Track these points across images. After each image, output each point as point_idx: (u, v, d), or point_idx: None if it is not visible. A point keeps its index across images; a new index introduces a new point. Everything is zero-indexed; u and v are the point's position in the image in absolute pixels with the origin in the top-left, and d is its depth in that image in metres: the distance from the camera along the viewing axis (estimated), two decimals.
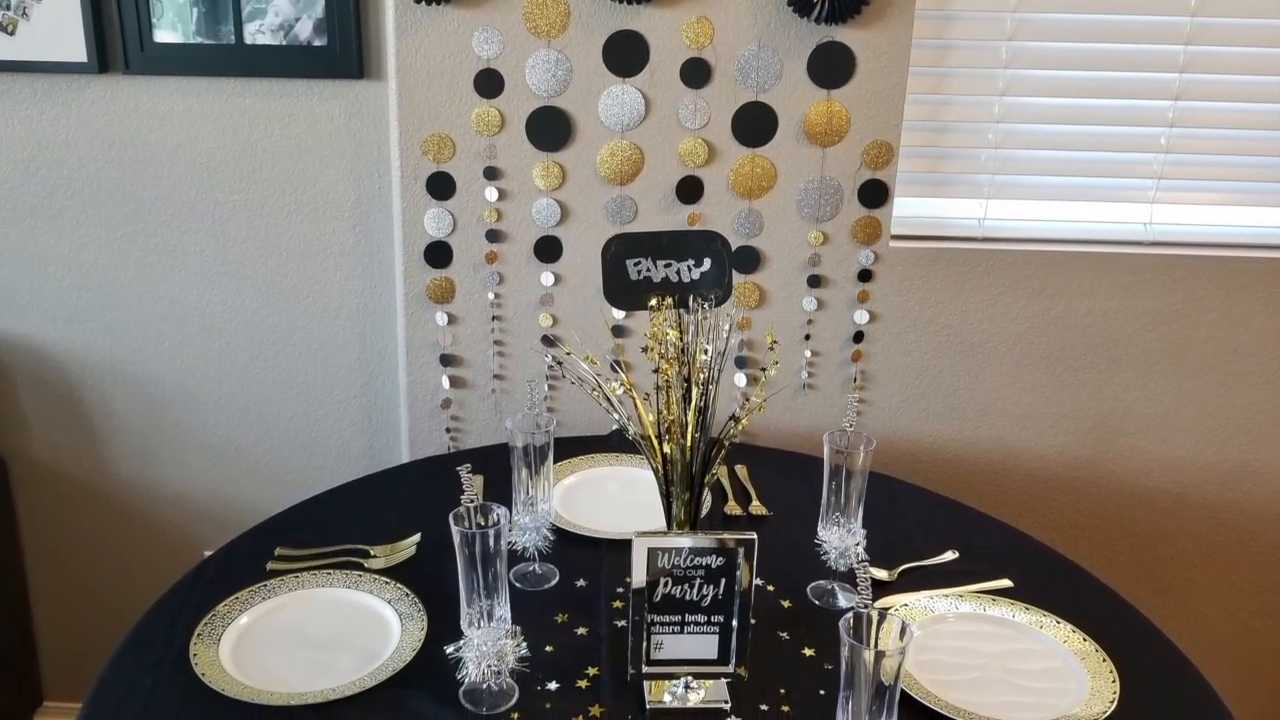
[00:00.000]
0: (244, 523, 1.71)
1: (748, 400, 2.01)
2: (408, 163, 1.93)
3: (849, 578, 1.49)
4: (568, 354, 1.96)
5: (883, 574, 1.55)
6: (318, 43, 1.91)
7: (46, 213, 2.06)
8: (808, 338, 2.02)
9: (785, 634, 1.44)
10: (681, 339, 1.32)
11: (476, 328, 2.02)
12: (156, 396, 2.18)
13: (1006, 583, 1.54)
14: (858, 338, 2.02)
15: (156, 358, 2.15)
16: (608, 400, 1.36)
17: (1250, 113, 1.96)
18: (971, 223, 2.02)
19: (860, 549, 1.41)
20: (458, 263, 1.98)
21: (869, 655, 1.11)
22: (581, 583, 1.53)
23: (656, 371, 1.32)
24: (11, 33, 1.92)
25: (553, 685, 1.33)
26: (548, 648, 1.39)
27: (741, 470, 1.84)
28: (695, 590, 1.25)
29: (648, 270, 1.50)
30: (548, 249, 1.97)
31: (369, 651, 1.37)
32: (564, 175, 1.93)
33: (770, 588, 1.53)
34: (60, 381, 2.18)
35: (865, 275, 1.98)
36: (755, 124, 1.89)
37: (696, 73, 1.86)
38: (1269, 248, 2.00)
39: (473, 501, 1.26)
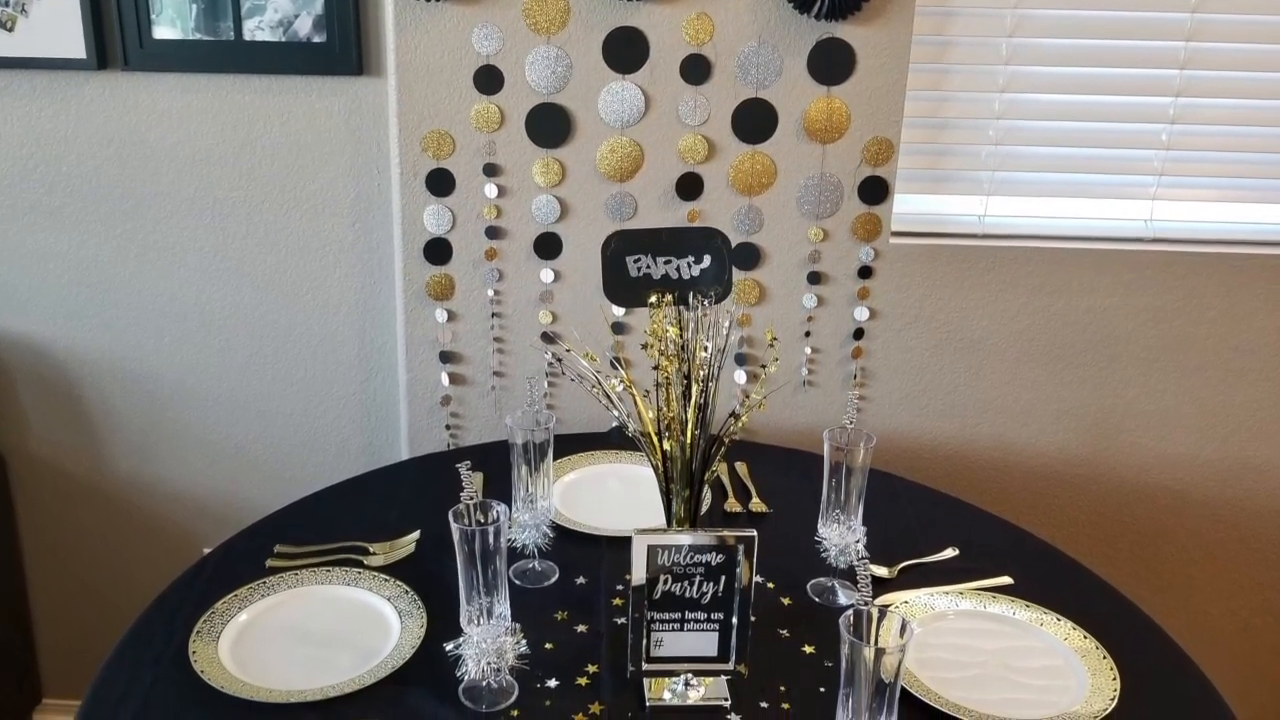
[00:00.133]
0: (243, 520, 1.71)
1: (748, 397, 2.00)
2: (407, 159, 1.92)
3: (849, 575, 1.50)
4: (567, 351, 1.96)
5: (883, 571, 1.54)
6: (317, 39, 1.91)
7: (45, 209, 2.06)
8: (808, 334, 2.02)
9: (785, 631, 1.44)
10: (681, 336, 1.32)
11: (476, 324, 2.02)
12: (156, 393, 2.18)
13: (1007, 580, 1.54)
14: (858, 334, 2.02)
15: (156, 354, 2.15)
16: (607, 397, 1.36)
17: (1251, 109, 1.96)
18: (972, 219, 2.02)
19: (860, 546, 1.41)
20: (457, 259, 1.98)
21: (869, 652, 1.10)
22: (581, 580, 1.53)
23: (656, 368, 1.32)
24: (10, 29, 1.91)
25: (552, 683, 1.33)
26: (547, 645, 1.39)
27: (741, 467, 1.84)
28: (695, 587, 1.25)
29: (647, 267, 1.50)
30: (547, 246, 1.97)
31: (368, 649, 1.37)
32: (564, 172, 1.93)
33: (770, 585, 1.53)
34: (59, 378, 2.18)
35: (865, 272, 1.98)
36: (755, 121, 1.89)
37: (696, 69, 1.86)
38: (1270, 244, 2.00)
39: (472, 499, 1.26)
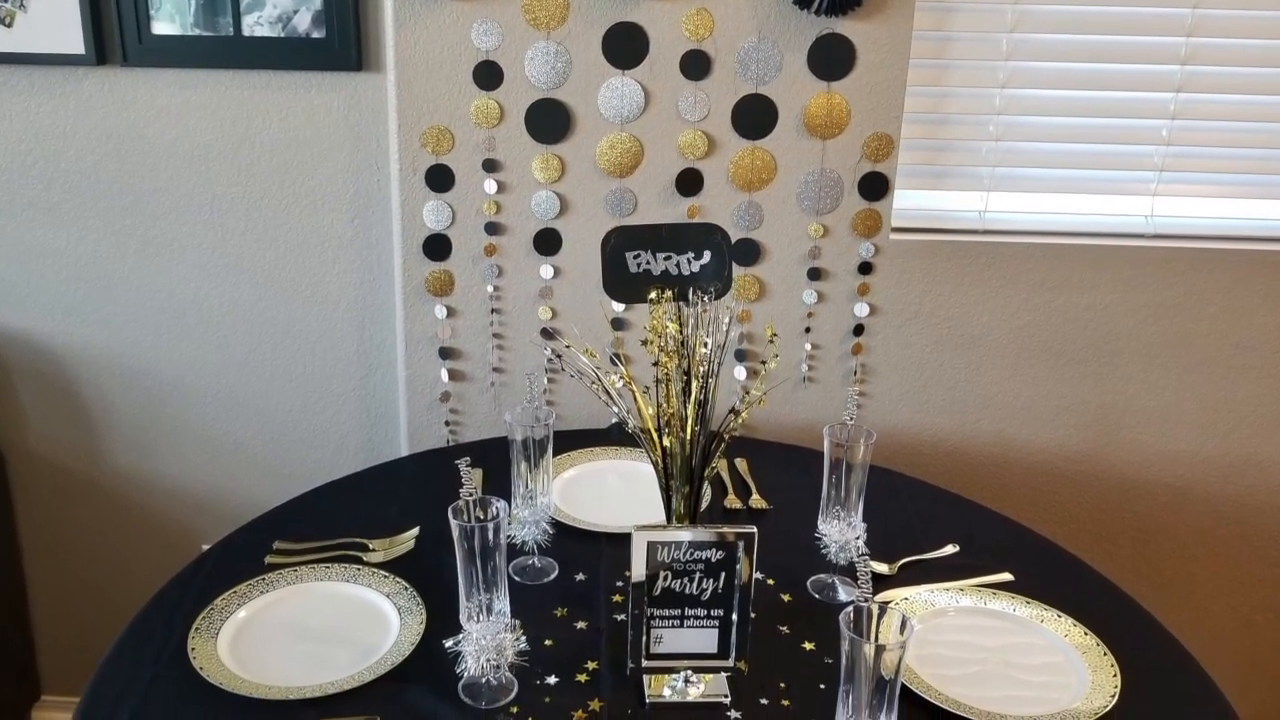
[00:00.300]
0: (242, 516, 1.71)
1: (748, 393, 1.99)
2: (406, 155, 1.92)
3: (849, 571, 1.49)
4: (567, 347, 1.96)
5: (883, 568, 1.54)
6: (316, 35, 1.90)
7: (44, 205, 2.05)
8: (808, 330, 2.02)
9: (785, 628, 1.44)
10: (681, 332, 1.32)
11: (475, 321, 2.02)
12: (154, 389, 2.18)
13: (1007, 576, 1.54)
14: (858, 330, 2.02)
15: (154, 351, 2.15)
16: (607, 393, 1.36)
17: (1252, 105, 1.96)
18: (972, 215, 2.01)
19: (860, 543, 1.41)
20: (457, 255, 1.98)
21: (869, 649, 1.10)
22: (581, 577, 1.53)
23: (656, 365, 1.32)
24: (9, 25, 1.91)
25: (552, 679, 1.33)
26: (547, 642, 1.39)
27: (741, 464, 1.84)
28: (695, 584, 1.25)
29: (647, 263, 1.50)
30: (547, 242, 1.97)
31: (367, 645, 1.37)
32: (563, 168, 1.92)
33: (770, 581, 1.53)
34: (58, 375, 2.18)
35: (865, 268, 1.98)
36: (755, 116, 1.89)
37: (696, 65, 1.86)
38: (1271, 240, 2.00)
39: (472, 495, 1.25)
